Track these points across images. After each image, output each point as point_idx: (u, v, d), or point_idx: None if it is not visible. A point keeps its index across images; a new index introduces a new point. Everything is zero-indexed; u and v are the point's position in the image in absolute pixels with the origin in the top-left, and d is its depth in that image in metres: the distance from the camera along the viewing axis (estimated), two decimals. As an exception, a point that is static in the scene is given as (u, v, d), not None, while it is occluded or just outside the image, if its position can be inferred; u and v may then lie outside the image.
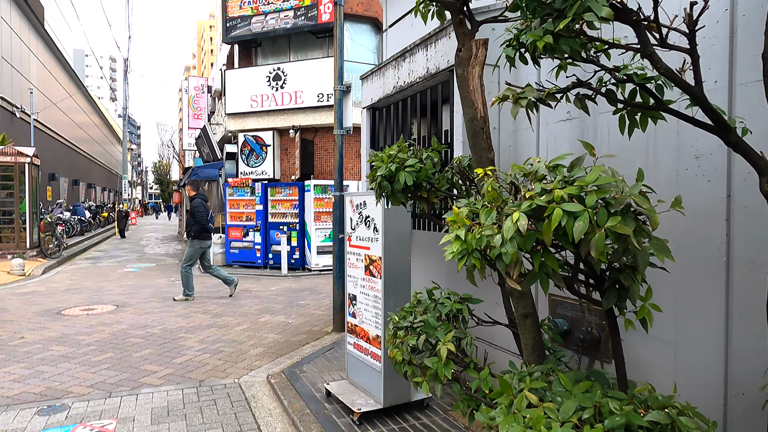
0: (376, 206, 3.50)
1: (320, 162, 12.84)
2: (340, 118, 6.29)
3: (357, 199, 3.80)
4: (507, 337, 3.23)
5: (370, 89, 4.87)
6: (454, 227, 1.74)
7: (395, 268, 3.53)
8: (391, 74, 4.36)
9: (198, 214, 7.98)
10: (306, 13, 12.34)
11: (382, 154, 2.62)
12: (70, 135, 29.73)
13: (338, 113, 6.29)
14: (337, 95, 6.28)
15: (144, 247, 18.83)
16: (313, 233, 11.67)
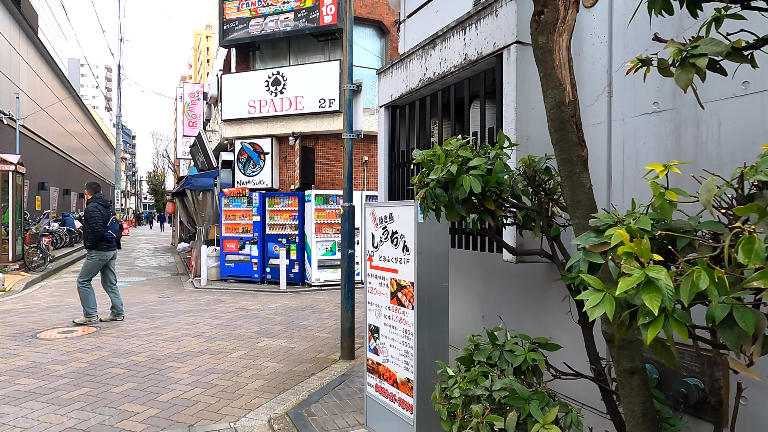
0: (406, 220, 2.85)
1: (321, 171, 12.20)
2: (350, 120, 5.66)
3: (381, 211, 3.15)
4: (578, 387, 2.58)
5: (389, 85, 4.25)
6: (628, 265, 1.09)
7: (431, 296, 2.88)
8: (417, 65, 3.74)
9: (91, 220, 6.97)
10: (307, 15, 11.77)
11: (435, 152, 1.98)
12: (63, 144, 29.06)
13: (348, 115, 5.66)
14: (347, 95, 5.65)
15: (135, 260, 18.07)
16: (314, 246, 10.99)
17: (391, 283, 3.05)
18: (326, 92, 11.58)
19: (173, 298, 9.78)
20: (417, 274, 2.81)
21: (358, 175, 12.15)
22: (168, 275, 13.65)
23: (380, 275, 3.16)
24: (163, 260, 17.90)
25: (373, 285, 3.26)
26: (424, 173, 2.01)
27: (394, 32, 12.45)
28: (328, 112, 11.63)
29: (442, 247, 2.90)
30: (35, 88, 23.58)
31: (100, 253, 7.24)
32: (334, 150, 12.08)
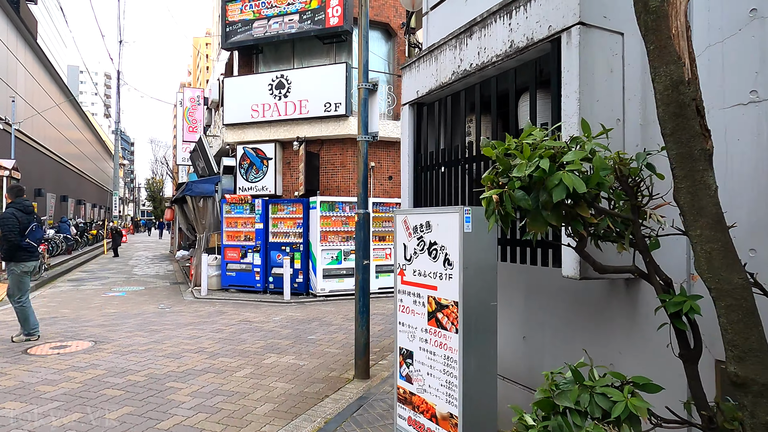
0: (449, 229, 2.46)
1: (327, 177, 11.82)
2: (365, 121, 5.28)
3: (416, 218, 2.75)
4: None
5: (414, 80, 3.87)
6: None
7: (478, 318, 2.48)
8: (449, 57, 3.36)
9: (5, 228, 6.19)
10: (312, 17, 11.44)
11: (512, 144, 1.59)
12: (61, 151, 28.70)
13: (363, 115, 5.28)
14: (362, 94, 5.28)
15: (133, 268, 17.63)
16: (319, 255, 10.58)
17: (428, 301, 2.66)
18: (332, 96, 11.22)
19: (173, 309, 9.36)
20: (463, 292, 2.42)
21: (365, 181, 11.76)
22: (167, 284, 13.23)
23: (414, 292, 2.77)
24: (161, 269, 17.47)
25: (406, 303, 2.86)
26: (498, 171, 1.62)
27: (401, 35, 12.13)
28: (333, 116, 11.26)
29: (490, 261, 2.51)
30: (33, 93, 23.27)
31: (20, 265, 6.43)
32: (340, 155, 11.71)
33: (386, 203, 11.21)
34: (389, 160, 11.98)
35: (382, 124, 11.58)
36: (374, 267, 10.95)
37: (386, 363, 5.69)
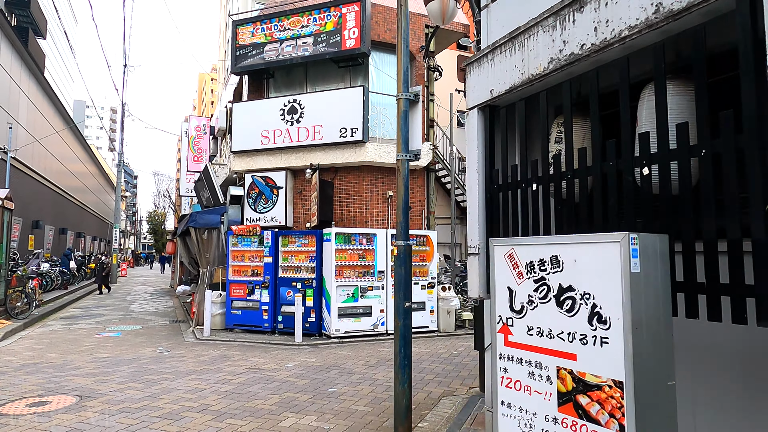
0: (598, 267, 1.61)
1: (341, 207, 11.02)
2: (406, 137, 4.49)
3: (531, 251, 1.91)
4: None
5: (486, 77, 3.09)
6: None
7: (652, 406, 1.60)
8: (544, 41, 2.59)
9: None
10: (328, 39, 10.88)
11: None
12: (63, 183, 28.19)
13: (403, 131, 4.49)
14: (401, 106, 4.50)
15: (131, 304, 16.64)
16: (334, 291, 9.66)
17: (560, 376, 1.79)
18: (348, 121, 10.54)
19: (172, 353, 8.39)
20: (633, 366, 1.55)
21: (382, 211, 10.96)
22: (166, 322, 12.26)
23: (532, 360, 1.90)
24: (161, 305, 16.48)
25: (515, 375, 1.98)
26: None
27: (419, 58, 11.55)
28: (349, 142, 10.55)
29: (664, 317, 1.66)
30: (36, 124, 22.82)
31: None
32: (355, 184, 10.93)
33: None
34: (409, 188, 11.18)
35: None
36: (393, 305, 10.03)
37: (428, 426, 4.73)
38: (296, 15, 11.19)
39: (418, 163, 11.00)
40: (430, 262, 10.47)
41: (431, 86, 11.59)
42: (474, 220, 3.18)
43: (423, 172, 11.37)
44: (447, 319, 10.46)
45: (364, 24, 10.52)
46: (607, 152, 2.30)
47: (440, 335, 10.14)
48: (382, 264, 10.03)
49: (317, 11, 10.99)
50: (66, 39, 37.99)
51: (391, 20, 11.31)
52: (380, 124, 11.04)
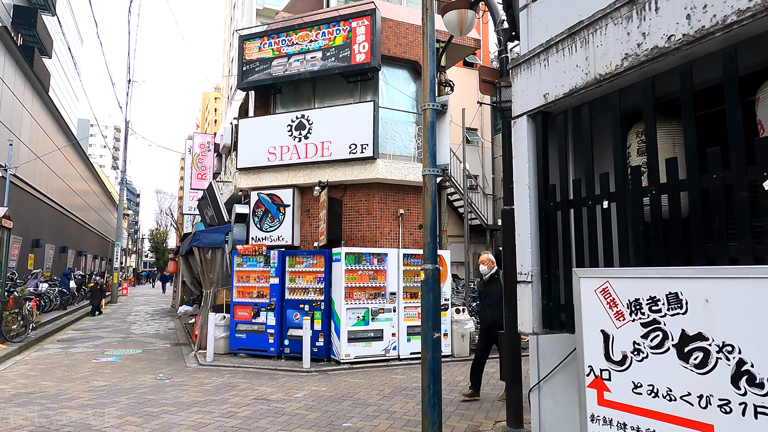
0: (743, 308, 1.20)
1: (350, 226, 10.62)
2: (433, 149, 4.12)
3: (636, 285, 1.52)
4: None
5: (538, 81, 2.73)
6: None
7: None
8: (614, 36, 2.22)
9: None
10: (337, 53, 10.62)
11: None
12: (65, 201, 27.96)
13: (429, 143, 4.12)
14: (428, 116, 4.14)
15: (131, 325, 16.17)
16: (343, 314, 9.21)
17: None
18: (358, 137, 10.21)
19: (173, 380, 7.93)
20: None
21: (393, 230, 10.56)
22: (167, 346, 11.79)
23: (642, 427, 1.47)
24: (162, 326, 16.00)
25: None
26: None
27: (430, 73, 11.25)
28: (359, 159, 10.21)
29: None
30: (40, 143, 22.64)
31: None
32: (365, 202, 10.55)
33: (417, 255, 9.92)
34: (419, 207, 10.80)
35: (411, 168, 10.52)
36: (405, 328, 9.59)
37: (457, 470, 4.25)
38: (304, 29, 10.96)
39: (430, 180, 10.62)
40: (444, 283, 10.02)
41: (442, 101, 11.28)
42: (525, 242, 2.77)
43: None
44: (461, 343, 9.98)
45: (374, 38, 10.27)
46: (709, 162, 1.92)
47: (455, 360, 9.65)
48: (393, 285, 9.59)
49: (326, 25, 10.76)
50: (71, 59, 38.19)
51: (401, 34, 11.06)
52: (390, 141, 10.71)
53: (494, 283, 6.82)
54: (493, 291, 6.76)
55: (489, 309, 6.80)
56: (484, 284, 7.06)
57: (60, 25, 31.33)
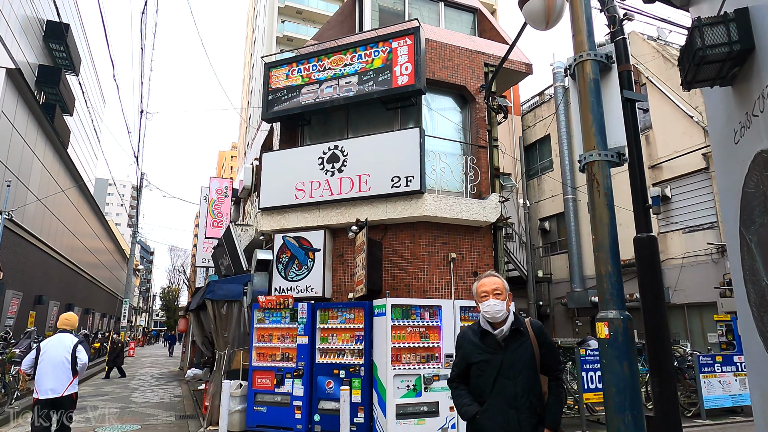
0: None
1: (392, 273, 8.97)
2: (600, 122, 2.57)
3: None
4: None
5: None
6: None
7: None
8: None
9: None
10: (375, 77, 9.39)
11: None
12: (75, 257, 26.87)
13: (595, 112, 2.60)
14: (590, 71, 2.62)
15: (133, 392, 14.26)
16: (389, 383, 7.38)
17: None
18: (402, 168, 8.77)
19: (175, 473, 6.07)
20: None
21: (444, 278, 8.86)
22: (171, 419, 9.93)
23: None
24: (167, 393, 14.09)
25: None
26: None
27: (479, 99, 9.95)
28: (403, 193, 8.71)
29: None
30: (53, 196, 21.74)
31: None
32: (410, 244, 8.94)
33: (476, 307, 8.17)
34: (473, 250, 9.15)
35: (463, 204, 8.97)
36: (465, 400, 7.66)
37: None
38: (338, 53, 9.81)
39: (486, 219, 9.03)
40: (508, 343, 8.20)
41: (494, 130, 9.90)
42: None
43: (489, 229, 9.38)
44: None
45: (418, 58, 9.04)
46: None
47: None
48: (449, 345, 7.78)
49: (362, 47, 9.60)
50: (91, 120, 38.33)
51: (446, 57, 9.85)
52: (439, 174, 9.24)
53: (520, 342, 3.03)
54: (518, 358, 2.97)
55: (510, 406, 2.86)
56: (494, 345, 3.01)
57: (82, 88, 31.45)
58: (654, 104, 15.59)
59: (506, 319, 2.94)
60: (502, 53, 10.17)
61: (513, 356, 2.87)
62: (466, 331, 3.15)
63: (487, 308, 2.94)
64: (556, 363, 2.94)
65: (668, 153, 14.97)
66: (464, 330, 3.20)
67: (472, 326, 3.12)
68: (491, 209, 9.11)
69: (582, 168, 2.73)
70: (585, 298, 16.71)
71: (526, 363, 2.85)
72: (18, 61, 19.22)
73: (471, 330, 3.10)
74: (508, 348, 2.90)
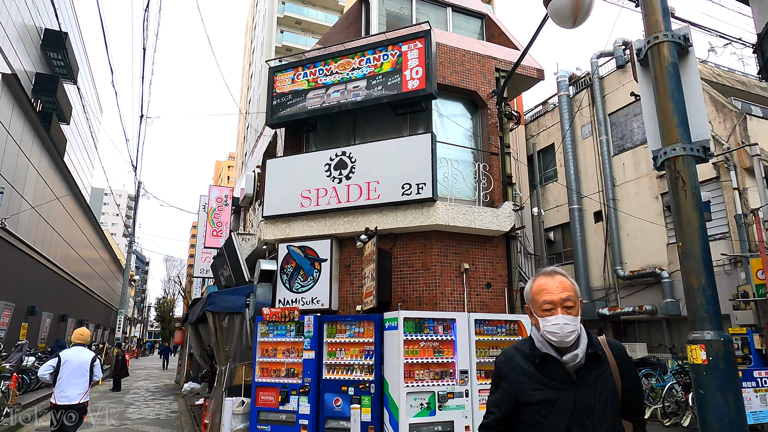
0: None
1: (402, 284, 8.60)
2: (682, 111, 2.23)
3: None
4: None
5: None
6: None
7: None
8: None
9: None
10: (385, 81, 9.09)
11: None
12: (70, 268, 26.44)
13: (675, 99, 2.25)
14: (667, 55, 2.30)
15: (128, 407, 13.75)
16: (402, 400, 6.97)
17: None
18: (412, 175, 8.44)
19: (175, 500, 5.64)
20: None
21: (456, 289, 8.49)
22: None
23: None
24: (164, 408, 13.59)
25: None
26: None
27: (491, 105, 9.66)
28: (414, 201, 8.38)
29: None
30: (47, 204, 21.33)
31: None
32: (421, 254, 8.58)
33: (491, 321, 7.79)
34: (486, 261, 8.80)
35: (476, 213, 8.64)
36: (481, 419, 7.26)
37: None
38: (345, 57, 9.52)
39: (500, 228, 8.70)
40: (525, 358, 7.81)
41: (506, 137, 9.60)
42: None
43: (502, 239, 9.03)
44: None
45: (429, 62, 8.75)
46: None
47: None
48: (464, 361, 7.39)
49: (371, 51, 9.32)
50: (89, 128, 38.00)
51: (456, 61, 9.58)
52: (451, 181, 8.91)
53: (599, 372, 2.00)
54: (597, 397, 1.96)
55: None
56: (562, 377, 1.98)
57: (80, 97, 31.15)
58: (662, 113, 15.37)
59: (578, 339, 1.97)
60: (513, 58, 9.92)
61: (590, 394, 1.91)
62: (512, 354, 2.09)
63: (555, 329, 1.93)
64: (641, 402, 2.11)
65: (677, 162, 14.71)
66: (508, 352, 2.12)
67: (520, 346, 2.10)
68: (505, 218, 8.78)
69: (659, 165, 2.40)
70: (592, 311, 16.35)
71: (609, 404, 1.92)
72: (15, 68, 18.96)
73: (519, 353, 2.06)
74: (582, 382, 1.93)
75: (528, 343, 2.07)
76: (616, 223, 16.42)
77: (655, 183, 15.39)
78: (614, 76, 17.33)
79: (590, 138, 18.00)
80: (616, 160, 16.96)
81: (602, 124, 17.33)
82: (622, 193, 16.52)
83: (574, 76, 19.22)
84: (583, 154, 18.25)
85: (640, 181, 15.93)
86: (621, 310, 15.49)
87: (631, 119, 16.73)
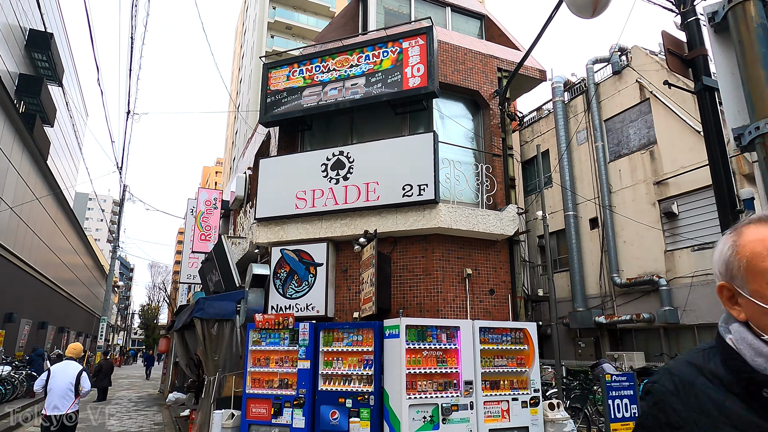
0: None
1: (402, 290, 8.21)
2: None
3: None
4: None
5: None
6: None
7: None
8: None
9: None
10: (384, 78, 8.75)
11: None
12: (50, 273, 25.62)
13: (765, 56, 1.91)
14: (755, 13, 1.97)
15: (109, 418, 13.12)
16: (404, 413, 6.56)
17: None
18: (413, 176, 8.08)
19: None
20: None
21: (459, 295, 8.12)
22: (152, 452, 8.91)
23: None
24: (147, 420, 12.98)
25: None
26: None
27: (493, 106, 9.37)
28: (415, 203, 8.01)
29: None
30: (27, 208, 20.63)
31: None
32: (422, 259, 8.21)
33: (496, 329, 7.42)
34: (489, 266, 8.45)
35: (479, 216, 8.30)
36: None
37: None
38: (343, 53, 9.18)
39: (503, 232, 8.37)
40: (531, 368, 7.45)
41: (508, 138, 9.30)
42: None
43: (506, 244, 8.69)
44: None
45: (431, 59, 8.44)
46: None
47: (557, 480, 6.88)
48: (468, 371, 7.01)
49: (370, 48, 8.99)
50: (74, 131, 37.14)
51: (458, 59, 9.28)
52: (453, 183, 8.57)
53: None
54: None
55: None
56: None
57: (65, 99, 30.42)
58: (659, 119, 15.25)
59: None
60: (515, 58, 9.66)
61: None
62: (687, 377, 1.11)
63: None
64: None
65: (675, 169, 14.56)
66: (679, 375, 1.12)
67: (702, 363, 1.12)
68: (509, 221, 8.45)
69: (745, 145, 2.07)
70: (588, 319, 16.09)
71: None
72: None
73: (704, 376, 1.09)
74: None
75: (718, 358, 1.10)
76: (613, 230, 16.22)
77: (652, 190, 15.23)
78: (610, 82, 17.22)
79: (585, 144, 17.84)
80: (612, 167, 16.80)
81: (598, 131, 17.18)
82: (619, 199, 16.34)
83: (569, 82, 19.09)
84: (578, 160, 18.08)
85: (636, 187, 15.76)
86: (618, 318, 15.24)
87: (627, 125, 16.59)
